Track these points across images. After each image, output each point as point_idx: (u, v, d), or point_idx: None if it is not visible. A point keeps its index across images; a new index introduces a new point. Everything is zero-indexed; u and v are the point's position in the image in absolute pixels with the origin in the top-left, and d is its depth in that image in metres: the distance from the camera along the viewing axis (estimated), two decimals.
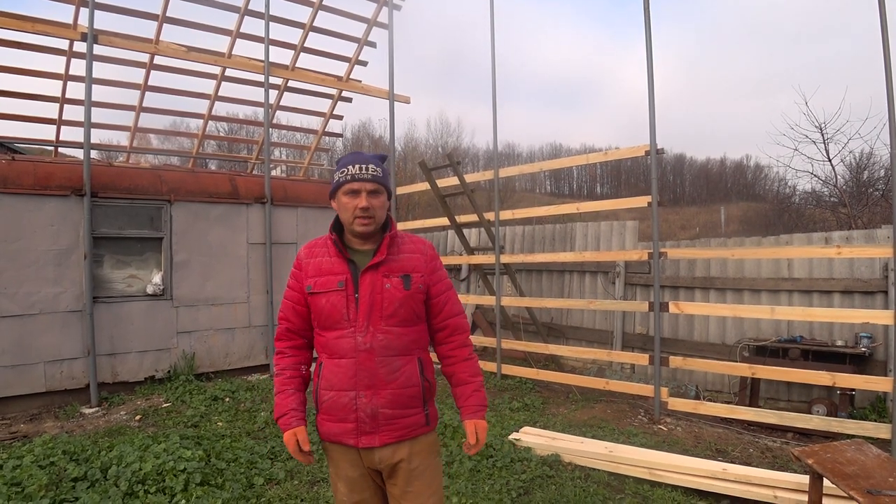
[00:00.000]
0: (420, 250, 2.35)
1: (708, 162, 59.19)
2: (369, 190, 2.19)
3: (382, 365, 2.18)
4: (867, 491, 2.74)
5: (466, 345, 2.45)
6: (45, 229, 6.62)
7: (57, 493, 3.88)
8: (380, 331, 2.18)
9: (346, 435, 2.21)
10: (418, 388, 2.26)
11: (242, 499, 4.04)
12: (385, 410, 2.19)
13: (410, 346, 2.26)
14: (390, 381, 2.19)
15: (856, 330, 6.37)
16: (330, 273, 2.23)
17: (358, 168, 2.19)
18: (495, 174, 7.96)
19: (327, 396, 2.21)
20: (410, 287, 2.25)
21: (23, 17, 6.90)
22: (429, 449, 2.34)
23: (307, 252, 2.34)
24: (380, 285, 2.20)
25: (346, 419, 2.20)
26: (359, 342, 2.17)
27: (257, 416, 6.10)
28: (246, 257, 8.21)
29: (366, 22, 9.42)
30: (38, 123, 9.24)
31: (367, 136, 41.43)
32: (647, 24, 6.18)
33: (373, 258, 2.22)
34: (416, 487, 2.26)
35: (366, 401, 2.17)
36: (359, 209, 2.17)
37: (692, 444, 5.47)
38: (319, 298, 2.22)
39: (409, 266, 2.28)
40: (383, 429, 2.20)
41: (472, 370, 2.42)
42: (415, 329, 2.29)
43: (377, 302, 2.19)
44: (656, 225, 6.28)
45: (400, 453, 2.23)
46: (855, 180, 15.96)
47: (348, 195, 2.20)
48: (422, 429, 2.29)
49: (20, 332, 6.46)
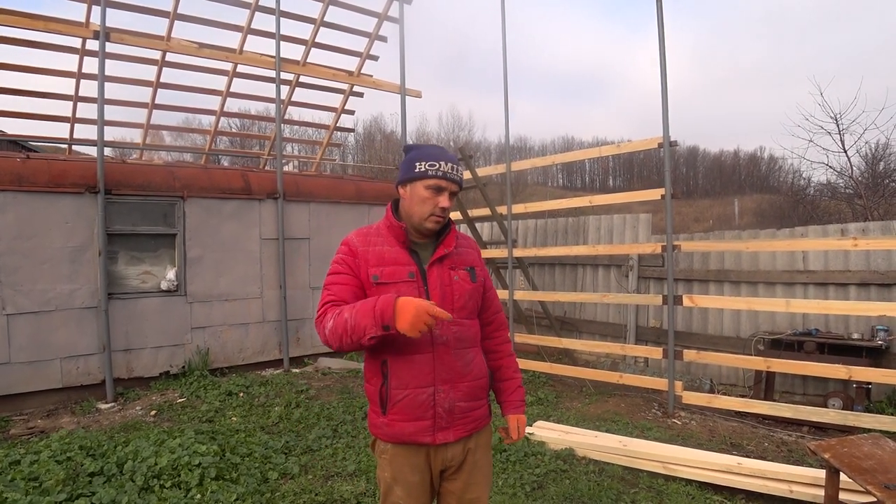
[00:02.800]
0: (473, 246, 2.37)
1: (721, 154, 58.74)
2: (452, 192, 2.16)
3: (458, 358, 2.16)
4: (885, 486, 2.71)
5: (509, 340, 2.48)
6: (59, 226, 6.68)
7: (74, 488, 3.92)
8: (453, 323, 2.14)
9: (421, 433, 2.14)
10: (486, 379, 2.28)
11: (257, 493, 4.07)
12: (461, 404, 2.17)
13: (476, 338, 2.27)
14: (466, 373, 2.18)
15: (872, 323, 6.29)
16: (395, 263, 2.15)
17: (450, 167, 2.13)
18: (507, 168, 7.93)
19: (402, 395, 2.11)
20: (476, 280, 2.26)
21: (35, 17, 6.96)
22: (488, 440, 2.36)
23: (361, 240, 2.21)
24: (448, 278, 2.18)
25: (424, 416, 2.12)
26: (435, 336, 2.11)
27: (271, 410, 6.13)
28: (259, 252, 8.25)
29: (376, 16, 9.41)
30: (51, 121, 9.34)
31: (378, 131, 41.49)
32: (660, 15, 6.13)
33: (437, 250, 2.19)
34: (478, 478, 2.27)
35: (444, 395, 2.13)
36: (439, 208, 2.12)
37: (707, 437, 5.44)
38: (388, 289, 2.08)
39: (469, 260, 2.28)
40: (458, 423, 2.17)
41: (515, 366, 2.46)
42: (476, 322, 2.30)
43: (448, 294, 2.16)
44: (670, 218, 6.23)
45: (468, 446, 2.24)
46: (871, 171, 15.77)
47: (432, 190, 2.12)
48: (486, 419, 2.30)
49: (36, 329, 6.53)
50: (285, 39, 8.78)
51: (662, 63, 6.12)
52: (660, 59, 6.13)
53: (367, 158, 38.58)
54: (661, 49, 6.12)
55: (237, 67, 9.40)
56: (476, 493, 2.27)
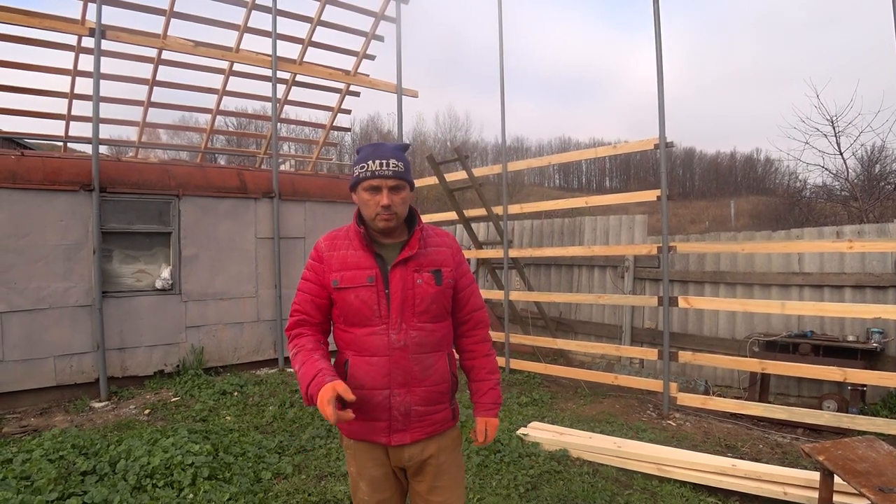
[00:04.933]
0: (446, 244, 2.29)
1: (718, 155, 58.92)
2: (390, 186, 2.10)
3: (416, 363, 2.13)
4: (878, 488, 2.71)
5: (487, 340, 2.40)
6: (54, 224, 6.65)
7: (66, 487, 3.89)
8: (413, 328, 2.13)
9: (376, 433, 2.16)
10: (448, 385, 2.24)
11: (250, 493, 4.05)
12: (418, 408, 2.15)
13: (441, 342, 2.23)
14: (424, 378, 2.15)
15: (867, 325, 6.31)
16: (357, 267, 2.15)
17: (378, 164, 2.09)
18: (503, 168, 7.93)
19: (358, 395, 2.10)
20: (442, 282, 2.20)
21: (31, 13, 6.91)
22: (454, 443, 2.33)
23: (328, 244, 2.23)
24: (411, 281, 2.14)
25: (379, 417, 2.14)
26: (392, 340, 2.11)
27: (265, 410, 6.11)
28: (254, 252, 8.22)
29: (373, 16, 9.38)
30: (46, 119, 9.28)
31: (375, 131, 41.55)
32: (657, 16, 6.13)
33: (401, 252, 2.16)
34: (444, 482, 2.25)
35: (399, 399, 2.13)
36: (381, 206, 2.09)
37: (701, 439, 5.44)
38: (347, 294, 2.13)
39: (438, 260, 2.22)
40: (414, 426, 2.16)
41: (490, 366, 2.38)
42: (444, 325, 2.25)
43: (409, 298, 2.13)
44: (665, 219, 6.23)
45: (429, 449, 2.21)
46: (866, 174, 15.83)
47: (369, 191, 2.11)
48: (449, 423, 2.27)
49: (30, 327, 6.49)
50: (282, 38, 8.75)
51: (659, 64, 6.12)
52: (656, 60, 6.13)
53: None
54: (657, 50, 6.12)
55: (233, 66, 9.37)
56: (442, 496, 2.25)
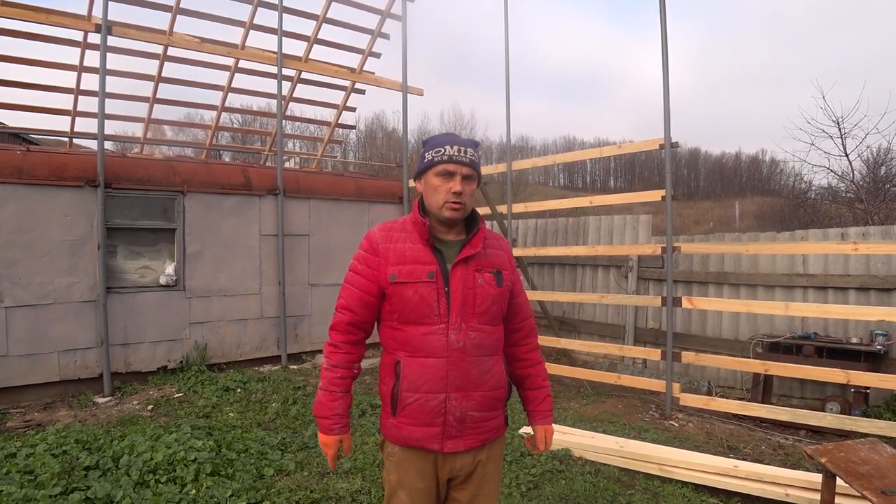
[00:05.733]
0: (503, 247, 2.23)
1: (723, 156, 58.91)
2: (464, 174, 2.04)
3: (475, 365, 2.05)
4: (881, 491, 2.70)
5: (538, 348, 2.37)
6: (59, 220, 6.67)
7: (69, 482, 3.91)
8: (472, 328, 2.04)
9: (430, 440, 2.05)
10: (504, 390, 2.16)
11: (252, 489, 4.06)
12: (474, 413, 2.06)
13: (498, 346, 2.15)
14: (482, 382, 2.07)
15: (871, 327, 6.28)
16: (416, 262, 2.05)
17: (456, 150, 2.03)
18: (508, 167, 7.92)
19: (412, 399, 2.04)
20: (502, 284, 2.13)
21: (37, 9, 6.93)
22: (501, 451, 2.28)
23: (384, 236, 2.12)
24: (472, 280, 2.06)
25: (433, 423, 2.04)
26: (451, 340, 2.01)
27: (268, 407, 6.13)
28: (258, 249, 8.23)
29: (379, 13, 9.40)
30: (52, 114, 9.35)
31: (380, 129, 41.55)
32: (663, 16, 6.11)
33: (463, 250, 2.08)
34: (487, 490, 2.19)
35: (456, 403, 2.03)
36: (452, 193, 2.02)
37: (703, 440, 5.44)
38: (406, 289, 2.03)
39: (498, 262, 2.15)
40: (469, 432, 2.07)
41: (544, 374, 2.35)
42: (500, 329, 2.18)
43: (470, 298, 2.05)
44: (670, 219, 6.22)
45: (479, 457, 2.15)
46: (872, 176, 15.74)
47: (441, 177, 2.04)
48: (500, 430, 2.20)
49: (35, 322, 6.52)
50: (287, 35, 8.77)
51: (665, 64, 6.11)
52: (662, 60, 6.11)
53: (369, 156, 38.61)
54: (663, 50, 6.10)
55: (239, 63, 9.39)
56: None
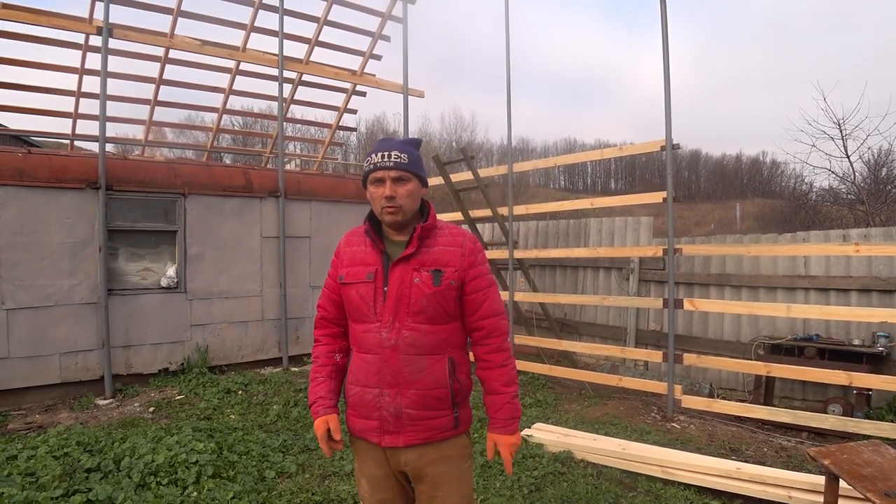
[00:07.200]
0: (458, 243, 2.19)
1: (724, 158, 58.71)
2: (393, 177, 2.07)
3: (407, 364, 2.08)
4: (884, 493, 2.70)
5: (502, 349, 2.24)
6: (60, 222, 6.67)
7: (70, 484, 3.91)
8: (406, 327, 2.08)
9: (369, 432, 2.14)
10: (446, 390, 2.13)
11: (254, 492, 4.05)
12: (409, 411, 2.09)
13: (440, 345, 2.13)
14: (415, 380, 2.09)
15: (873, 329, 6.27)
16: (362, 263, 2.16)
17: (380, 156, 2.08)
18: (509, 169, 7.92)
19: (353, 391, 2.16)
20: (441, 283, 2.11)
21: (38, 11, 6.94)
22: (458, 453, 2.23)
23: (346, 240, 2.28)
24: (408, 279, 2.09)
25: (370, 416, 2.12)
26: (383, 338, 2.08)
27: (269, 409, 6.12)
28: (259, 251, 8.24)
29: (380, 16, 9.40)
30: (54, 117, 9.34)
31: (381, 131, 41.56)
32: (664, 18, 6.11)
33: (404, 250, 2.13)
34: (443, 492, 2.17)
35: (389, 399, 2.09)
36: (384, 198, 2.07)
37: (706, 442, 5.42)
38: (350, 289, 2.16)
39: (442, 260, 2.13)
40: (407, 429, 2.10)
41: (505, 378, 2.22)
42: (445, 328, 2.15)
43: (404, 297, 2.09)
44: (671, 221, 6.22)
45: (427, 456, 2.14)
46: (873, 177, 15.73)
47: (374, 185, 2.12)
48: (450, 432, 2.17)
49: (36, 324, 6.52)
50: (288, 38, 8.78)
51: (666, 66, 6.11)
52: (663, 62, 6.11)
53: None
54: (664, 52, 6.10)
55: (240, 65, 9.40)
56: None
